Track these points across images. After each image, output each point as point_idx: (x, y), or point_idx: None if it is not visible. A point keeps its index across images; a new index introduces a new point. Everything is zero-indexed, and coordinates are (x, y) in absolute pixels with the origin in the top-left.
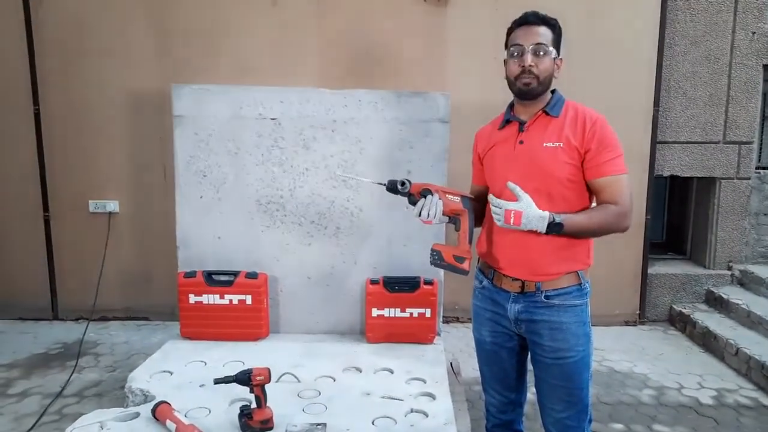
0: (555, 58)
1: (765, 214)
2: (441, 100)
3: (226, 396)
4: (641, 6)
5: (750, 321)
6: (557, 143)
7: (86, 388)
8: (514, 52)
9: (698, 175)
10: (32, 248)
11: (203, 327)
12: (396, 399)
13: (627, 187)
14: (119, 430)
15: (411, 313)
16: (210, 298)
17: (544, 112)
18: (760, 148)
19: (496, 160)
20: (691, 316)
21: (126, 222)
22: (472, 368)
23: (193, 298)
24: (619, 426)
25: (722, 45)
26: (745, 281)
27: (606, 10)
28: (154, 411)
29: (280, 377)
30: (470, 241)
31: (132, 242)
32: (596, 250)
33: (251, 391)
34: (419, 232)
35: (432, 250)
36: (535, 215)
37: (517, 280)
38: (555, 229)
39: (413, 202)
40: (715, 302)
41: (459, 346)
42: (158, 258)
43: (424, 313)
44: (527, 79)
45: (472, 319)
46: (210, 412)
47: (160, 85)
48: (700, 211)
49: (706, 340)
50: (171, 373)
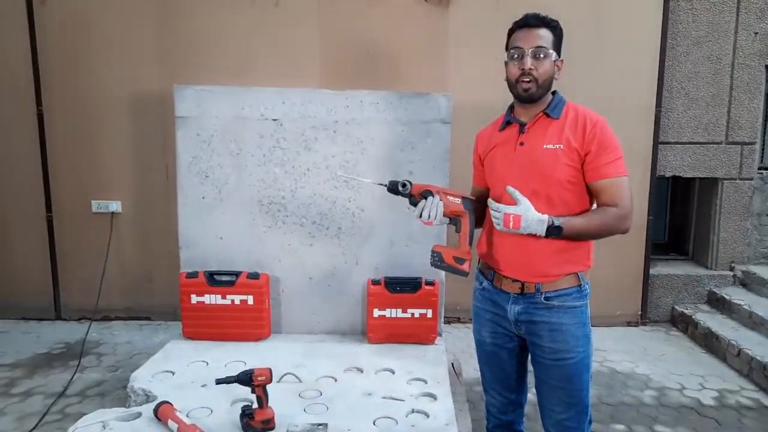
0: (555, 61)
1: (767, 215)
2: (442, 100)
3: (227, 396)
4: (643, 7)
5: (752, 322)
6: (557, 145)
7: (89, 387)
8: (514, 55)
9: (700, 176)
10: (35, 248)
11: (205, 327)
12: (397, 399)
13: (627, 189)
14: (121, 430)
15: (412, 314)
16: (212, 299)
17: (545, 113)
18: (763, 149)
19: (497, 162)
20: (693, 316)
21: (128, 222)
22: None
23: (195, 299)
24: (621, 427)
25: (724, 45)
26: (747, 282)
27: (608, 11)
28: (156, 411)
29: (281, 377)
30: (470, 243)
31: (134, 242)
32: (598, 251)
33: (253, 391)
34: (421, 233)
35: (432, 252)
36: (534, 219)
37: (516, 281)
38: (554, 233)
39: (414, 203)
40: (717, 303)
41: (460, 346)
42: (160, 258)
43: (426, 314)
44: (527, 82)
45: (472, 320)
46: (212, 412)
47: (163, 86)
48: (702, 212)
49: (708, 341)
50: (173, 373)
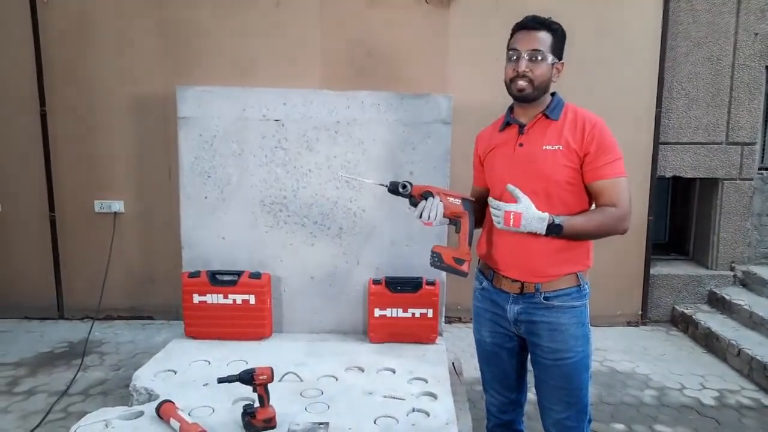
0: (554, 63)
1: (767, 215)
2: (443, 101)
3: (229, 395)
4: (643, 7)
5: (752, 322)
6: (557, 146)
7: (91, 386)
8: (512, 56)
9: (701, 176)
10: (38, 248)
11: (207, 326)
12: (398, 398)
13: (626, 190)
14: (124, 429)
15: (413, 314)
16: (214, 298)
17: (544, 115)
18: (763, 149)
19: (496, 162)
20: (693, 316)
21: (131, 222)
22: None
23: (197, 298)
24: (621, 426)
25: (725, 46)
26: (747, 282)
27: (608, 12)
28: (158, 410)
29: (282, 376)
30: (470, 243)
31: (137, 242)
32: (598, 251)
33: (254, 390)
34: (421, 233)
35: (432, 252)
36: (534, 217)
37: (516, 281)
38: (554, 231)
39: (414, 204)
40: (718, 303)
41: (461, 346)
42: (163, 258)
43: (426, 314)
44: (521, 83)
45: (472, 320)
46: (213, 410)
47: (165, 87)
48: (702, 212)
49: (709, 341)
50: (175, 372)
